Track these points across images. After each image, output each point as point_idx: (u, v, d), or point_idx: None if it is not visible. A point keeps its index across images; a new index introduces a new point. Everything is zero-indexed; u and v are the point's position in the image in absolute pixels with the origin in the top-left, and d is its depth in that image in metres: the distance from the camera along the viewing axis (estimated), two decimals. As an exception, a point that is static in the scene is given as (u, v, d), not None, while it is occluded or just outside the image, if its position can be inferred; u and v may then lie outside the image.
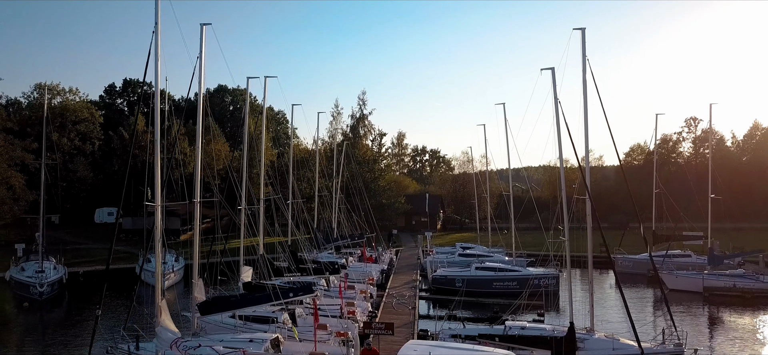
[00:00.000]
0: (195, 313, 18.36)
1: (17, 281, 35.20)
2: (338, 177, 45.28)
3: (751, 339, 24.74)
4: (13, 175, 44.16)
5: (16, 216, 45.75)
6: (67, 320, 30.74)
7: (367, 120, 72.96)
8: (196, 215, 19.47)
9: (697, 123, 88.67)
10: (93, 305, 30.41)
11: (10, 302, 34.00)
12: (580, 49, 19.60)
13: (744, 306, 30.89)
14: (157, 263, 17.53)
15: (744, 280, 33.52)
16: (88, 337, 17.98)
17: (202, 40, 19.61)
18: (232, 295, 19.73)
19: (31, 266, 36.53)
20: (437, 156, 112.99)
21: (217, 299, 19.10)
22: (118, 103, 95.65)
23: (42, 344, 25.32)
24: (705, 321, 28.97)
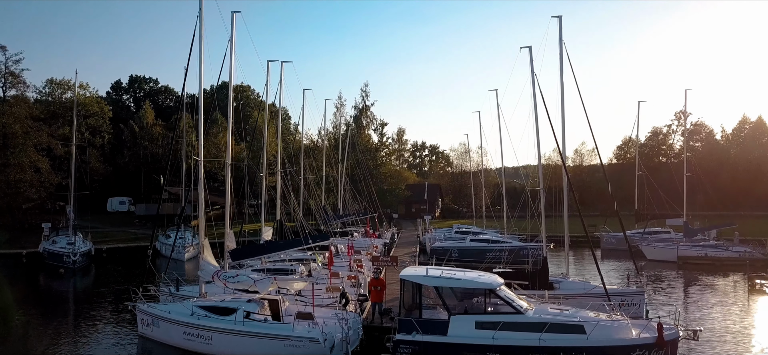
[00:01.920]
0: (227, 259, 21.49)
1: (50, 252, 38.34)
2: (344, 160, 48.43)
3: (715, 295, 27.94)
4: (39, 160, 47.24)
5: (42, 198, 48.85)
6: (101, 284, 33.82)
7: (369, 111, 76.35)
8: (227, 178, 22.49)
9: (686, 116, 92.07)
10: (119, 276, 33.67)
11: (45, 271, 37.20)
12: (557, 35, 22.79)
13: (715, 272, 34.05)
14: (201, 216, 20.67)
15: (715, 249, 36.77)
16: (126, 297, 21.18)
17: (233, 26, 22.54)
18: (261, 243, 22.86)
19: (62, 239, 39.76)
20: (436, 151, 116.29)
21: (247, 246, 22.22)
22: (125, 99, 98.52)
23: (87, 301, 28.40)
24: (678, 284, 32.14)
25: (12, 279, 33.98)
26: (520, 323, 15.14)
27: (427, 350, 15.24)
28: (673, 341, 15.00)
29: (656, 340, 14.65)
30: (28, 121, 47.15)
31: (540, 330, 14.87)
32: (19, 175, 44.94)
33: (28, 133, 46.21)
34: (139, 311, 19.89)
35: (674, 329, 15.31)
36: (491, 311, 15.60)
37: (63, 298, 30.14)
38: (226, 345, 17.08)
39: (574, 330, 14.93)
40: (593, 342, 14.60)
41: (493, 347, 14.84)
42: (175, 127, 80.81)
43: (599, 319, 15.50)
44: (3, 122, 45.34)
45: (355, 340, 16.97)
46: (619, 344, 14.73)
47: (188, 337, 17.82)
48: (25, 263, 40.48)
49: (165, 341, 18.67)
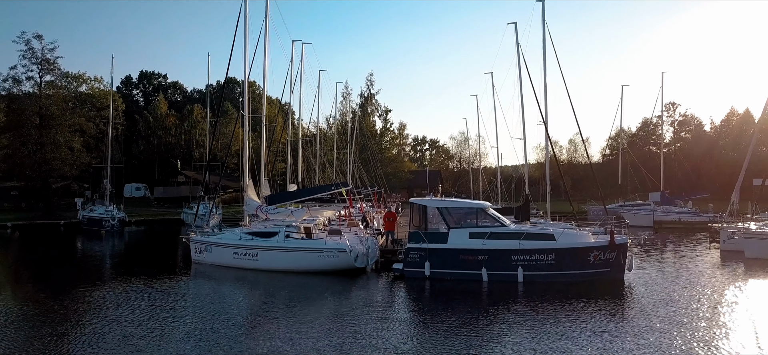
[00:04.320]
0: (263, 203, 25.72)
1: (90, 219, 42.59)
2: (352, 142, 52.71)
3: (678, 244, 32.22)
4: (73, 139, 51.50)
5: (74, 175, 53.10)
6: (142, 241, 37.98)
7: (374, 99, 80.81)
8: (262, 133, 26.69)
9: (675, 107, 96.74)
10: (154, 238, 37.84)
11: (86, 236, 41.41)
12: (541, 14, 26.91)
13: (686, 232, 38.29)
14: (245, 163, 24.89)
15: (688, 215, 41.11)
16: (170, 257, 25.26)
17: (266, 11, 26.66)
18: (292, 191, 27.09)
19: (98, 208, 44.03)
20: (436, 145, 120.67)
21: (281, 193, 26.45)
22: (135, 93, 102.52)
23: (137, 251, 32.51)
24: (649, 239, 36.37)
25: (62, 243, 38.12)
26: (504, 233, 19.43)
27: (431, 254, 19.52)
28: (623, 245, 19.28)
29: (609, 243, 18.93)
30: (62, 103, 51.37)
31: (519, 238, 19.16)
32: (55, 154, 49.13)
33: (64, 115, 50.40)
34: (192, 242, 24.10)
35: (624, 237, 19.60)
36: (482, 225, 19.86)
37: (116, 251, 34.21)
38: (270, 260, 21.32)
39: (545, 237, 19.21)
40: (560, 245, 18.89)
41: (483, 250, 19.12)
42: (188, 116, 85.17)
43: (566, 230, 19.80)
44: (40, 105, 49.51)
45: (374, 256, 21.25)
46: (580, 245, 19.03)
47: (238, 256, 22.05)
48: (63, 232, 44.65)
49: (217, 262, 22.87)
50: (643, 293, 17.36)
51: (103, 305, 16.12)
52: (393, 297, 17.39)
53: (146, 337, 12.42)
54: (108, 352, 11.41)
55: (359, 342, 11.92)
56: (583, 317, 14.19)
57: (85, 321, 14.35)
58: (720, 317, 14.18)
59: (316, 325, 13.54)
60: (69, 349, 11.78)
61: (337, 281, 19.41)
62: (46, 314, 15.24)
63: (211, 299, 17.24)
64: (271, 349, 11.39)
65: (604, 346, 11.70)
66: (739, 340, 12.15)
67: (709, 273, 21.20)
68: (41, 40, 49.78)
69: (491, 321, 14.13)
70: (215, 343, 11.81)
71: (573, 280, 18.47)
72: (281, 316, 14.77)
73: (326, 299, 17.02)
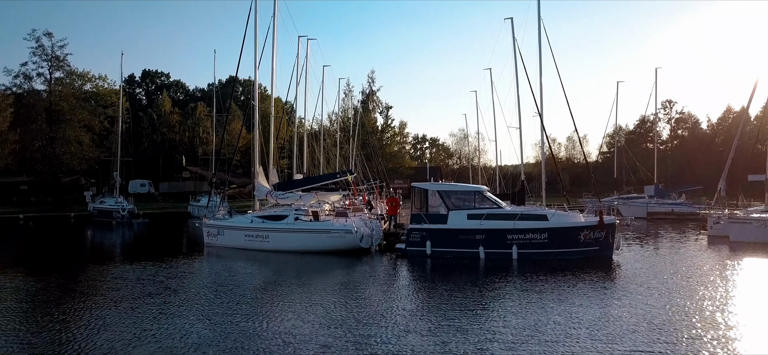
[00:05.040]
0: (271, 191, 27.03)
1: (100, 210, 43.91)
2: (356, 135, 54.00)
3: (668, 232, 33.55)
4: (82, 134, 52.86)
5: (83, 169, 54.48)
6: (152, 230, 39.24)
7: (375, 96, 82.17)
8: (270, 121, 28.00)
9: (672, 105, 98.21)
10: (163, 228, 39.13)
11: (96, 226, 42.71)
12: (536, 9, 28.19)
13: (678, 223, 39.60)
14: (254, 151, 26.16)
15: (680, 206, 42.44)
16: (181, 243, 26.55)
17: (275, 9, 27.97)
18: (300, 178, 28.45)
19: (108, 200, 45.37)
20: (436, 144, 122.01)
21: (289, 181, 27.80)
22: (138, 92, 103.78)
23: (150, 239, 33.78)
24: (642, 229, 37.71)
25: (75, 232, 39.42)
26: (500, 214, 20.76)
27: (431, 234, 20.84)
28: (611, 225, 20.59)
29: (598, 223, 20.23)
30: (72, 99, 52.74)
31: (514, 218, 20.48)
32: (64, 148, 50.46)
33: (74, 111, 51.75)
34: (205, 227, 25.41)
35: (612, 218, 20.92)
36: (479, 207, 21.18)
37: (129, 239, 35.48)
38: (280, 241, 22.64)
39: (539, 218, 20.53)
40: (553, 225, 20.21)
41: (480, 230, 20.44)
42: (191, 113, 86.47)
43: (558, 211, 21.12)
44: (51, 100, 50.87)
45: (378, 237, 22.57)
46: (571, 225, 20.35)
47: (249, 238, 23.36)
48: (73, 223, 45.94)
49: (229, 245, 24.18)
50: (629, 268, 18.66)
51: (125, 283, 17.30)
52: (396, 272, 18.70)
53: (167, 310, 13.49)
54: (135, 321, 12.65)
55: (366, 310, 13.11)
56: (574, 289, 15.50)
57: (111, 295, 15.65)
58: (697, 288, 15.47)
59: (325, 295, 14.80)
60: (103, 318, 13.10)
61: (343, 259, 20.70)
62: (75, 289, 16.57)
63: (225, 276, 18.52)
64: (284, 317, 12.53)
65: (594, 311, 13.00)
66: (709, 304, 13.46)
67: (693, 255, 22.48)
68: (51, 38, 51.21)
69: (487, 291, 15.42)
70: (232, 312, 12.93)
71: (564, 258, 19.77)
72: (293, 288, 16.06)
73: (334, 274, 18.32)
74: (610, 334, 10.74)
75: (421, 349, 9.86)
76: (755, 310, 12.95)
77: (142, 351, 9.91)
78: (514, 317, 12.35)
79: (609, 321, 11.76)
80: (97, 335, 10.92)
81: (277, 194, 24.51)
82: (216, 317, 12.47)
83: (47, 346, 10.33)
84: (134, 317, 12.48)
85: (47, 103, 50.81)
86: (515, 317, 12.29)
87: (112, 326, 11.66)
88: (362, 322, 11.88)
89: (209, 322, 12.00)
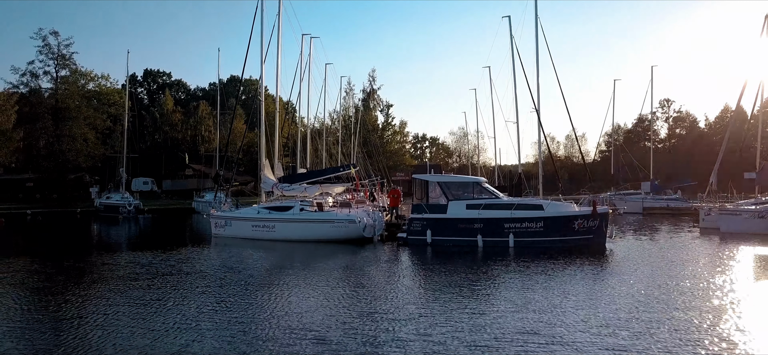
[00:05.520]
0: (277, 184, 27.89)
1: (106, 205, 44.81)
2: (357, 133, 54.91)
3: (662, 225, 34.43)
4: (88, 132, 53.79)
5: (88, 166, 55.43)
6: (159, 225, 40.08)
7: (376, 94, 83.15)
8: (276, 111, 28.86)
9: (670, 104, 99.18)
10: (168, 223, 39.98)
11: (102, 221, 43.58)
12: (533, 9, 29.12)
13: (673, 217, 40.47)
14: (261, 146, 27.04)
15: (676, 202, 43.35)
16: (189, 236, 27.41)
17: (280, 8, 28.78)
18: (304, 172, 29.32)
19: (114, 196, 46.27)
20: (436, 143, 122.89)
21: (294, 174, 28.67)
22: (139, 91, 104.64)
23: (157, 232, 34.60)
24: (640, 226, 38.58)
25: (82, 226, 40.28)
26: (497, 204, 21.63)
27: (431, 223, 21.71)
28: (604, 214, 21.46)
29: (591, 212, 21.10)
30: (78, 97, 53.69)
31: (511, 208, 21.35)
32: (70, 145, 51.37)
33: (80, 108, 52.69)
34: (213, 218, 26.28)
35: (605, 208, 21.79)
36: (477, 197, 22.04)
37: (136, 232, 36.26)
38: (286, 231, 23.51)
39: (535, 208, 21.41)
40: (548, 214, 21.08)
41: (479, 219, 21.31)
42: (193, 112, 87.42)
43: (553, 201, 21.99)
44: (57, 98, 51.79)
45: (380, 227, 23.44)
46: (566, 214, 21.22)
47: (256, 228, 24.23)
48: (79, 218, 46.80)
49: (236, 235, 25.04)
50: (620, 254, 19.54)
51: (138, 266, 18.17)
52: (398, 259, 19.55)
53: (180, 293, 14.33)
54: (152, 296, 13.53)
55: (369, 291, 13.90)
56: (565, 270, 16.37)
57: (126, 276, 16.53)
58: (680, 270, 16.35)
59: (330, 279, 15.60)
60: (121, 293, 13.98)
61: (347, 248, 21.55)
62: (92, 272, 17.44)
63: (233, 263, 19.35)
64: (291, 298, 13.27)
65: (581, 286, 13.88)
66: (694, 284, 14.34)
67: (682, 244, 23.34)
68: (57, 37, 52.11)
69: (484, 275, 16.28)
70: (242, 294, 13.70)
71: (559, 245, 20.63)
72: (299, 273, 16.91)
73: (339, 261, 19.17)
74: (594, 304, 11.62)
75: (420, 320, 10.71)
76: (731, 288, 13.78)
77: (159, 321, 10.76)
78: (507, 290, 13.23)
79: (594, 294, 12.65)
80: (119, 308, 11.79)
81: (282, 186, 25.39)
82: (228, 294, 13.33)
83: (75, 320, 11.19)
84: (150, 292, 13.37)
85: (53, 101, 51.71)
86: (507, 291, 13.17)
87: (131, 301, 12.53)
88: (364, 299, 12.74)
89: (223, 299, 12.86)
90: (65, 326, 10.44)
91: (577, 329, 9.73)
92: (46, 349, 8.97)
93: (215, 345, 9.02)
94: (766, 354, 8.50)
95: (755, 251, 20.59)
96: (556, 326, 9.96)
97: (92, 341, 9.31)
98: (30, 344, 9.29)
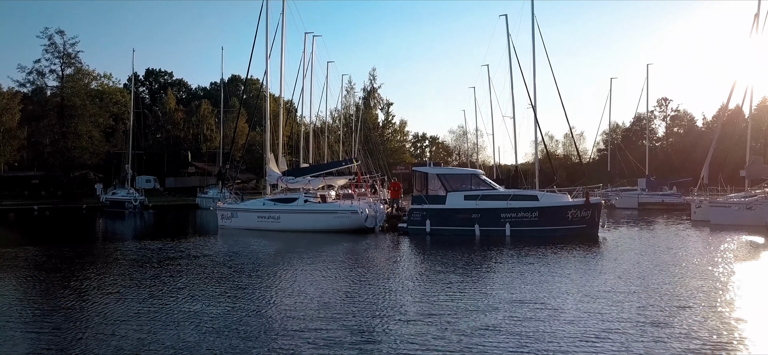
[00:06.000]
0: (281, 177, 28.75)
1: (112, 201, 45.67)
2: (358, 130, 55.82)
3: (659, 218, 35.32)
4: (93, 129, 54.69)
5: (93, 163, 56.32)
6: (164, 218, 40.95)
7: (377, 93, 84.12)
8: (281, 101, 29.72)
9: (667, 103, 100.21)
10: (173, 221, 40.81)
11: (108, 217, 44.42)
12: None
13: (667, 211, 41.35)
14: (266, 141, 27.92)
15: (670, 197, 44.24)
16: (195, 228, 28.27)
17: (284, 7, 29.63)
18: (306, 166, 30.24)
19: (120, 191, 47.15)
20: (436, 142, 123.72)
21: (297, 168, 29.56)
22: (141, 91, 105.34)
23: (163, 226, 35.43)
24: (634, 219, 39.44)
25: (90, 221, 41.12)
26: (494, 195, 22.52)
27: (431, 213, 22.60)
28: (597, 205, 22.35)
29: (584, 203, 21.99)
30: (83, 96, 54.59)
31: (507, 199, 22.24)
32: (76, 143, 52.26)
33: (85, 106, 53.57)
34: (219, 210, 27.15)
35: (598, 198, 22.67)
36: (475, 189, 22.93)
37: (144, 225, 37.01)
38: (291, 221, 24.38)
39: (530, 198, 22.30)
40: (543, 204, 21.97)
41: (476, 209, 22.19)
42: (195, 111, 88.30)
43: (548, 192, 22.88)
44: (63, 96, 52.66)
45: (382, 218, 24.32)
46: (560, 204, 22.11)
47: (261, 219, 25.10)
48: (85, 214, 47.63)
49: (242, 226, 25.89)
50: (611, 242, 20.42)
51: (149, 252, 19.00)
52: (399, 246, 20.43)
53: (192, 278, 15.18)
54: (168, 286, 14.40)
55: (371, 275, 14.71)
56: (557, 254, 17.27)
57: (139, 260, 17.43)
58: (665, 255, 17.24)
59: (333, 264, 16.45)
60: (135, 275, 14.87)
61: (349, 237, 22.41)
62: (106, 258, 18.31)
63: (240, 251, 20.20)
64: (296, 281, 14.07)
65: (571, 265, 14.77)
66: (672, 265, 15.24)
67: (672, 234, 24.19)
68: (63, 36, 52.97)
69: (482, 261, 17.17)
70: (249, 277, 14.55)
71: (553, 234, 21.50)
72: (304, 259, 17.78)
73: (342, 248, 20.05)
74: (580, 279, 12.54)
75: (420, 294, 11.60)
76: (713, 269, 14.66)
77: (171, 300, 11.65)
78: (502, 267, 14.13)
79: (581, 272, 13.57)
80: (138, 289, 12.68)
81: (287, 178, 26.27)
82: (237, 275, 14.23)
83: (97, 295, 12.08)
84: (163, 274, 14.27)
85: (59, 99, 52.58)
86: (502, 268, 14.07)
87: (147, 280, 13.42)
88: (365, 280, 13.63)
89: (231, 279, 13.75)
90: (88, 299, 11.32)
91: (561, 297, 10.62)
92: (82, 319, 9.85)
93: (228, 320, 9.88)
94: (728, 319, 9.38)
95: (740, 239, 21.47)
96: (541, 294, 10.85)
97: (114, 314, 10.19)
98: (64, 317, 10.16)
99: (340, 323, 9.00)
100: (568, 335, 8.08)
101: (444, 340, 7.96)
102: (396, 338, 8.13)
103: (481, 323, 8.82)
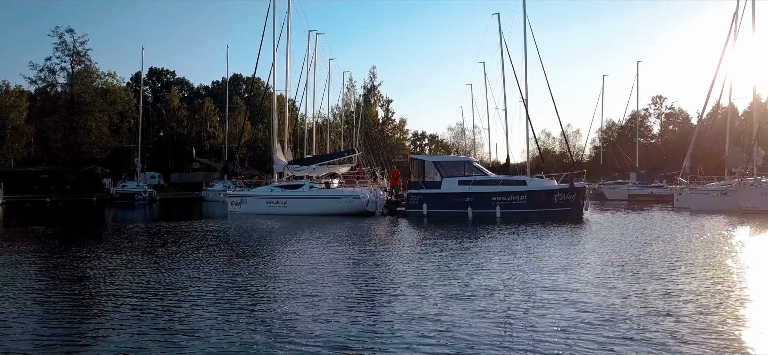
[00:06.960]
0: (288, 166, 30.50)
1: (122, 193, 47.44)
2: (359, 125, 57.57)
3: (645, 207, 37.08)
4: (102, 125, 56.50)
5: (102, 158, 58.12)
6: (174, 208, 42.66)
7: (377, 90, 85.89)
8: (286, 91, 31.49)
9: (662, 101, 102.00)
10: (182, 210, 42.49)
11: (118, 208, 46.12)
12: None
13: (655, 202, 43.08)
14: (273, 131, 29.65)
15: (659, 189, 46.06)
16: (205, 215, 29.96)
17: (289, 6, 31.37)
18: (311, 157, 32.07)
19: (129, 184, 48.94)
20: (435, 140, 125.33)
21: (303, 158, 31.35)
22: (144, 89, 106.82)
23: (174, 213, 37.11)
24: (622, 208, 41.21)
25: (102, 211, 42.83)
26: (486, 180, 24.30)
27: (427, 198, 24.38)
28: (581, 189, 24.12)
29: (569, 187, 23.77)
30: (92, 92, 56.39)
31: (497, 183, 24.01)
32: (85, 138, 54.06)
33: (95, 102, 55.38)
34: (229, 197, 28.91)
35: (582, 183, 24.45)
36: (468, 174, 24.70)
37: (155, 214, 38.60)
38: (297, 206, 26.15)
39: (519, 183, 24.09)
40: (530, 188, 23.75)
41: (469, 193, 23.97)
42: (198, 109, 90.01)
43: (535, 177, 24.67)
44: (73, 92, 54.45)
45: (382, 203, 26.10)
46: (546, 188, 23.90)
47: (269, 204, 26.87)
48: (96, 206, 49.32)
49: (251, 211, 27.64)
50: (594, 223, 22.16)
51: (164, 232, 20.75)
52: (398, 227, 22.18)
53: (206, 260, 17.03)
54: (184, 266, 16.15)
55: (372, 252, 16.31)
56: (542, 231, 19.03)
57: (156, 240, 19.18)
58: (641, 234, 19.01)
59: (337, 242, 18.17)
60: (154, 266, 16.62)
61: (352, 220, 24.17)
62: (126, 237, 20.06)
63: (251, 233, 21.90)
64: (303, 260, 15.73)
65: (554, 241, 16.53)
66: (646, 243, 17.00)
67: (653, 219, 25.85)
68: (73, 34, 54.76)
69: (474, 238, 18.95)
70: (262, 256, 16.38)
71: (540, 216, 23.26)
72: (310, 239, 19.51)
73: (345, 228, 21.81)
74: (563, 251, 14.27)
75: (418, 261, 13.36)
76: (687, 246, 16.42)
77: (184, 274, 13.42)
78: (491, 241, 15.86)
79: (559, 247, 15.29)
80: (160, 260, 14.44)
81: (293, 166, 28.05)
82: (246, 262, 15.97)
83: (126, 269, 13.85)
84: (178, 251, 16.04)
85: (69, 96, 54.33)
86: (491, 241, 15.81)
87: (166, 255, 15.19)
88: (369, 251, 15.39)
89: (242, 252, 15.50)
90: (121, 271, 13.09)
91: (538, 266, 12.34)
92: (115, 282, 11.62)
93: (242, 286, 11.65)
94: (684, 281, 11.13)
95: (713, 220, 23.22)
96: (519, 262, 12.60)
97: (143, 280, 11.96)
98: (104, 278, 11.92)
99: (349, 283, 10.75)
100: (541, 294, 9.06)
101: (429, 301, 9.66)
102: (391, 294, 9.83)
103: (460, 290, 10.35)
